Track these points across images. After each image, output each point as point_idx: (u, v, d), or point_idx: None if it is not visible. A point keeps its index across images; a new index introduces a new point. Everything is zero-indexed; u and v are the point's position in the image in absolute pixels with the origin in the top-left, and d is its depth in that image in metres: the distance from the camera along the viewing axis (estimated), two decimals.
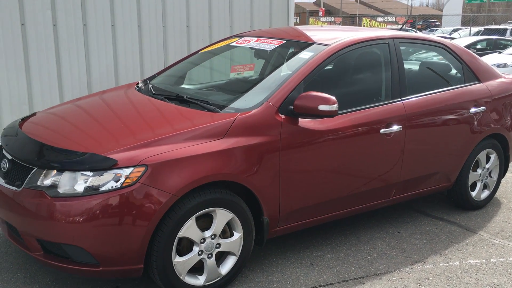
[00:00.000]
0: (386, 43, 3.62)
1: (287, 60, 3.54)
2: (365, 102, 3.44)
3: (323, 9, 51.71)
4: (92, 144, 2.68)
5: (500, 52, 14.57)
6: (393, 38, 3.67)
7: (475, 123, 3.95)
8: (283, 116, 2.99)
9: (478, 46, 16.71)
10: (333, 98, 2.94)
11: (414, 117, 3.56)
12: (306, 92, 3.02)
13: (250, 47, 3.80)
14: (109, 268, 2.55)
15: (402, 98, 3.57)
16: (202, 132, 2.75)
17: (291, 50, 3.61)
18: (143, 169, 2.51)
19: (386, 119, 3.41)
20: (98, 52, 5.88)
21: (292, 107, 2.99)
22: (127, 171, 2.50)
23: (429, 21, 48.26)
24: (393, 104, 3.50)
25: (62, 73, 5.65)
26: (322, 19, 39.54)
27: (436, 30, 35.81)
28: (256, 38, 3.82)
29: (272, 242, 3.52)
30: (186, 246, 2.74)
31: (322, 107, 2.91)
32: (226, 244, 2.85)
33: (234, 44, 3.94)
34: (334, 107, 2.93)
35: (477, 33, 23.95)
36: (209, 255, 2.79)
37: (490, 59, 13.81)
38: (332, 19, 39.49)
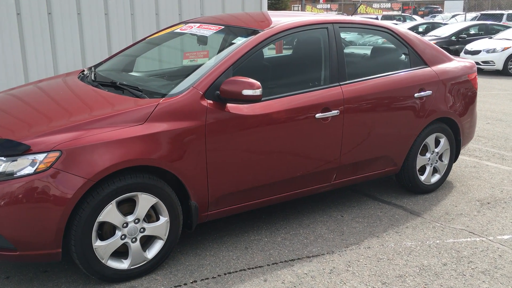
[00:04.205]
0: (325, 28, 3.61)
1: (223, 45, 3.55)
2: (302, 87, 3.45)
3: None
4: (12, 130, 2.71)
5: (491, 37, 14.43)
6: (333, 23, 3.66)
7: (420, 107, 3.94)
8: (210, 101, 3.01)
9: (471, 32, 16.54)
10: (257, 83, 2.96)
11: (353, 102, 3.57)
12: (233, 77, 3.03)
13: (191, 33, 3.81)
14: (27, 253, 2.59)
15: (341, 83, 3.57)
16: (122, 117, 2.77)
17: (228, 36, 3.62)
18: (57, 154, 2.55)
19: (322, 104, 3.42)
20: (64, 40, 5.91)
21: (219, 92, 3.01)
22: (41, 156, 2.54)
23: (432, 7, 47.70)
24: (330, 89, 3.51)
25: (27, 62, 5.69)
26: (319, 6, 39.18)
27: (436, 16, 35.44)
28: (198, 24, 3.82)
29: (210, 227, 3.57)
30: (109, 230, 2.78)
31: (246, 92, 2.93)
32: (151, 228, 2.89)
33: (178, 30, 3.94)
34: (258, 91, 2.94)
35: (474, 19, 23.68)
36: (133, 239, 2.83)
37: (480, 44, 13.72)
38: (328, 6, 39.14)
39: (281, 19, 3.60)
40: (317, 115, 3.39)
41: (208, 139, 2.98)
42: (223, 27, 3.65)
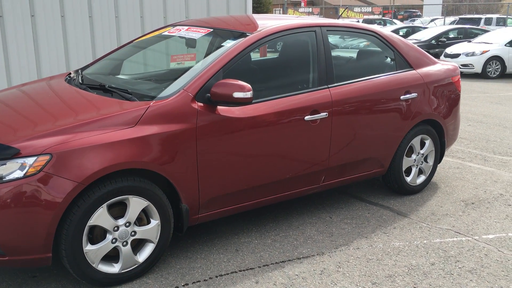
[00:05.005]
0: (313, 31, 3.65)
1: (211, 48, 3.56)
2: (290, 90, 3.47)
3: None
4: (1, 134, 2.67)
5: (470, 41, 14.72)
6: (321, 26, 3.70)
7: (406, 109, 4.00)
8: (200, 104, 3.01)
9: (451, 35, 16.86)
10: (248, 85, 2.97)
11: (341, 104, 3.61)
12: (223, 79, 3.04)
13: (179, 36, 3.81)
14: (16, 258, 2.55)
15: (329, 85, 3.61)
16: (112, 120, 2.75)
17: (216, 39, 3.64)
18: (47, 158, 2.52)
19: (310, 106, 3.45)
20: (48, 43, 5.84)
21: (209, 95, 3.01)
22: (31, 160, 2.50)
23: (411, 11, 48.45)
24: (319, 91, 3.54)
25: (10, 66, 5.60)
26: (301, 10, 39.52)
27: (416, 20, 35.99)
28: (187, 27, 3.82)
29: (201, 229, 3.57)
30: (99, 234, 2.76)
31: (236, 94, 2.94)
32: (142, 231, 2.87)
33: (166, 33, 3.94)
34: (248, 94, 2.96)
35: (452, 23, 24.14)
36: (124, 243, 2.81)
37: (459, 48, 13.98)
38: (310, 9, 39.51)
39: (267, 22, 3.62)
40: (306, 117, 3.42)
41: (199, 141, 2.98)
42: (211, 30, 3.65)
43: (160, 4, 6.68)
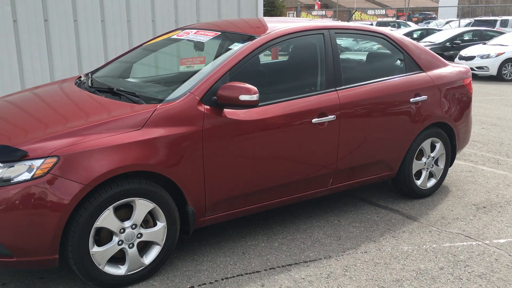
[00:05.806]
0: (321, 33, 3.64)
1: (220, 51, 3.57)
2: (298, 92, 3.46)
3: (319, 2, 51.63)
4: (9, 136, 2.71)
5: (485, 43, 14.54)
6: (329, 29, 3.69)
7: (416, 112, 3.97)
8: (207, 107, 3.02)
9: (466, 38, 16.66)
10: (254, 88, 2.97)
11: (349, 107, 3.58)
12: (230, 82, 3.05)
13: (188, 39, 3.83)
14: (23, 259, 2.58)
15: (337, 88, 3.59)
16: (119, 123, 2.78)
17: (225, 42, 3.65)
18: (54, 160, 2.55)
19: (318, 109, 3.44)
20: (60, 47, 5.91)
21: (216, 98, 3.02)
22: (38, 162, 2.54)
23: (426, 14, 48.05)
24: (326, 94, 3.52)
25: (24, 69, 5.69)
26: (314, 13, 39.53)
27: (431, 22, 35.67)
28: (195, 30, 3.84)
29: (207, 232, 3.57)
30: (106, 236, 2.78)
31: (242, 97, 2.94)
32: (148, 233, 2.88)
33: (175, 37, 3.96)
34: (255, 97, 2.96)
35: (467, 25, 23.86)
36: (130, 245, 2.83)
37: (474, 50, 13.81)
38: (324, 12, 39.49)
39: (277, 25, 3.62)
40: (314, 120, 3.41)
41: (205, 144, 2.98)
42: (219, 33, 3.67)
43: (171, 8, 6.72)
